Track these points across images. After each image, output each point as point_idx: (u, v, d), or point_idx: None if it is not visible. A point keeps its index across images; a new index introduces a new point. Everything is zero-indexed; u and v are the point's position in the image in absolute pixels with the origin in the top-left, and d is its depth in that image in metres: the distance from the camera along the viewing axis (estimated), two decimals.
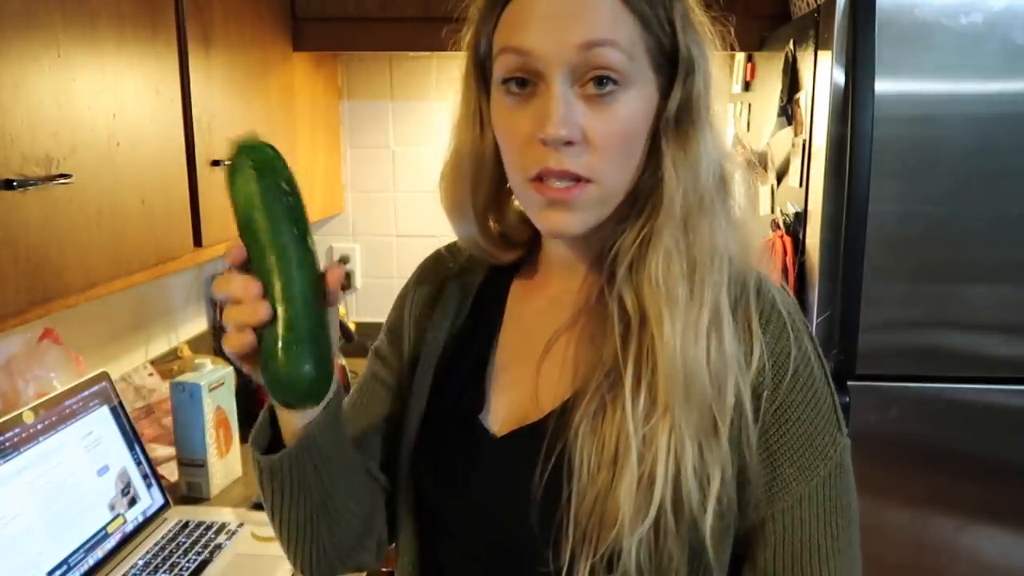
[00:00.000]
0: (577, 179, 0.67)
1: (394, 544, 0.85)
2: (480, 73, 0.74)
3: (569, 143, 0.65)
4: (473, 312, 0.84)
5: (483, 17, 0.73)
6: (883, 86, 1.35)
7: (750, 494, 0.69)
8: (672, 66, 0.69)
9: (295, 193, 0.62)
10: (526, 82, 0.67)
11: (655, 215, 0.69)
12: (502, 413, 0.76)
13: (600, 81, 0.65)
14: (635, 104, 0.67)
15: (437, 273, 0.90)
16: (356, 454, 0.78)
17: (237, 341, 0.61)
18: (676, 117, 0.69)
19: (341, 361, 1.92)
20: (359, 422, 0.87)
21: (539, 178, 0.68)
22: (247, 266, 0.62)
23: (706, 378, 0.66)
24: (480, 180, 0.77)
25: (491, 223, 0.81)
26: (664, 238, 0.68)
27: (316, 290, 0.62)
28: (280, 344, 0.60)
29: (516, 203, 0.80)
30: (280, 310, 0.60)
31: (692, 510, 0.65)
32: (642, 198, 0.71)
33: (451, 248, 0.89)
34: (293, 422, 0.68)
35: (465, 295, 0.85)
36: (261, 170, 0.61)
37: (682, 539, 0.66)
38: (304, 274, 0.62)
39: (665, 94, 0.69)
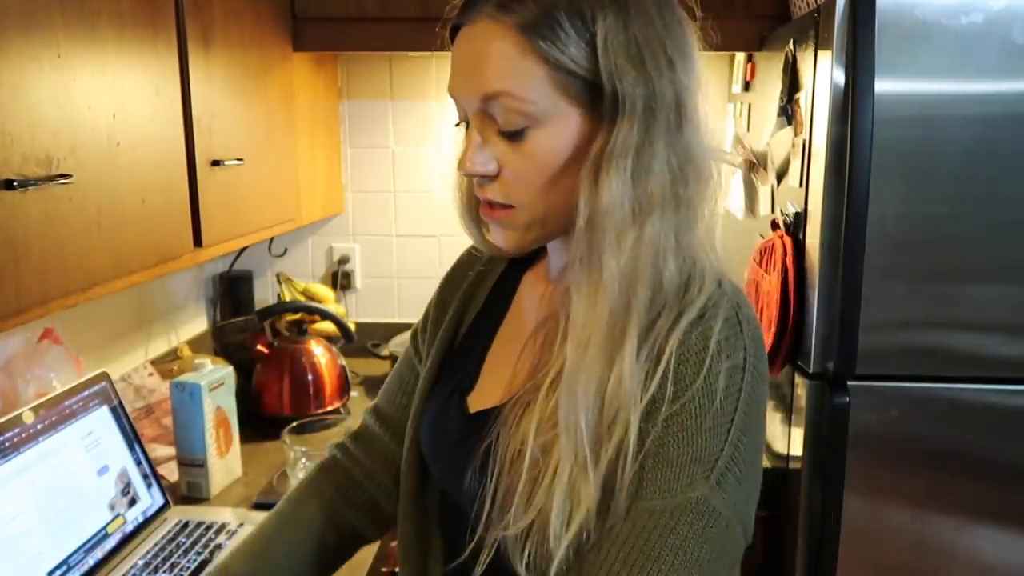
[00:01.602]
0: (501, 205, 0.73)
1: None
2: None
3: (484, 176, 0.72)
4: (488, 301, 0.91)
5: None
6: (883, 86, 1.35)
7: (604, 525, 0.68)
8: (599, 94, 0.69)
9: None
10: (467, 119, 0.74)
11: (578, 236, 0.71)
12: (483, 393, 0.83)
13: (506, 126, 0.70)
14: (552, 140, 0.70)
15: (465, 265, 0.97)
16: None
17: None
18: (596, 154, 0.69)
19: (341, 361, 1.92)
20: (394, 389, 1.00)
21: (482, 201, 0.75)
22: None
23: (595, 406, 0.67)
24: (471, 198, 0.84)
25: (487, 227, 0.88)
26: (576, 262, 0.70)
27: None
28: None
29: None
30: None
31: (554, 528, 0.67)
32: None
33: None
34: None
35: (483, 286, 0.93)
36: None
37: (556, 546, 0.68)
38: None
39: (596, 120, 0.70)
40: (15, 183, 0.91)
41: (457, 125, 0.77)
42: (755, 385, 0.69)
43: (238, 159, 1.48)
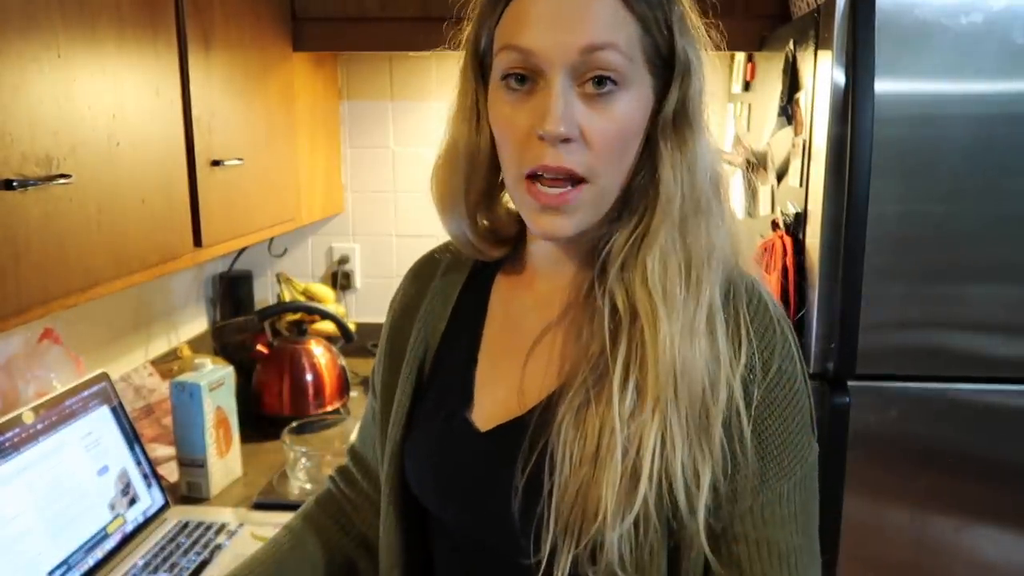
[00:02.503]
0: (572, 178, 0.68)
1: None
2: (479, 68, 0.75)
3: (566, 140, 0.66)
4: (457, 311, 0.84)
5: (485, 12, 0.73)
6: (883, 86, 1.35)
7: (735, 489, 0.69)
8: (668, 69, 0.70)
9: None
10: (525, 78, 0.68)
11: (650, 215, 0.70)
12: (487, 409, 0.77)
13: (599, 81, 0.66)
14: (632, 105, 0.68)
15: (422, 276, 0.90)
16: None
17: None
18: (673, 119, 0.70)
19: (341, 361, 1.92)
20: (366, 425, 0.94)
21: (533, 176, 0.68)
22: None
23: (699, 375, 0.67)
24: (474, 175, 0.77)
25: (481, 219, 0.81)
26: (660, 238, 0.69)
27: None
28: None
29: (507, 200, 0.80)
30: None
31: (680, 506, 0.66)
32: (635, 198, 0.72)
33: (439, 250, 0.91)
34: None
35: (448, 295, 0.85)
36: None
37: (663, 534, 0.67)
38: None
39: (660, 96, 0.70)
40: (15, 183, 0.91)
41: (505, 78, 0.69)
42: (805, 370, 0.75)
43: (238, 159, 1.47)
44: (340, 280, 2.29)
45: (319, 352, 1.87)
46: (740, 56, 2.02)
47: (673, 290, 0.68)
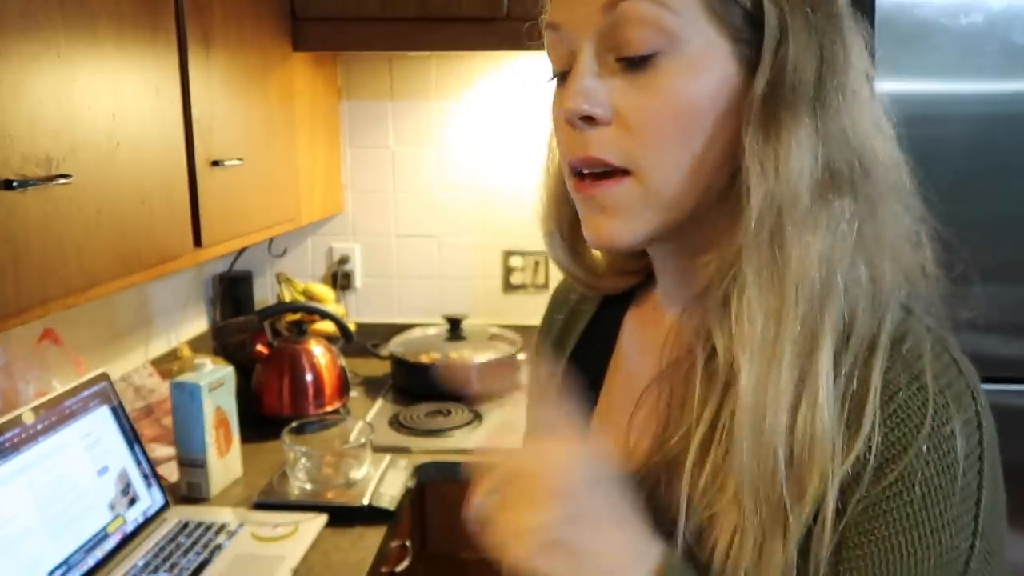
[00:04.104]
0: (608, 169, 0.55)
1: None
2: None
3: (593, 122, 0.54)
4: (583, 347, 0.73)
5: (541, 4, 0.62)
6: (883, 86, 1.35)
7: None
8: (757, 30, 0.54)
9: None
10: (567, 74, 0.57)
11: (744, 232, 0.54)
12: None
13: (636, 46, 0.53)
14: (689, 74, 0.53)
15: (558, 302, 0.79)
16: None
17: None
18: (762, 98, 0.53)
19: (341, 362, 1.92)
20: None
21: (579, 174, 0.57)
22: None
23: (780, 458, 0.51)
24: (565, 196, 0.64)
25: (585, 247, 0.69)
26: (744, 262, 0.53)
27: None
28: None
29: None
30: None
31: None
32: (730, 204, 0.56)
33: None
34: None
35: (574, 329, 0.74)
36: None
37: None
38: None
39: (752, 67, 0.54)
40: (15, 183, 0.91)
41: (553, 78, 0.59)
42: (994, 446, 0.54)
43: (238, 159, 1.47)
44: (340, 280, 2.29)
45: (319, 352, 1.87)
46: None
47: (755, 335, 0.52)
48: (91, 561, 1.21)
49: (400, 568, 1.49)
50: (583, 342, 0.74)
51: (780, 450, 0.51)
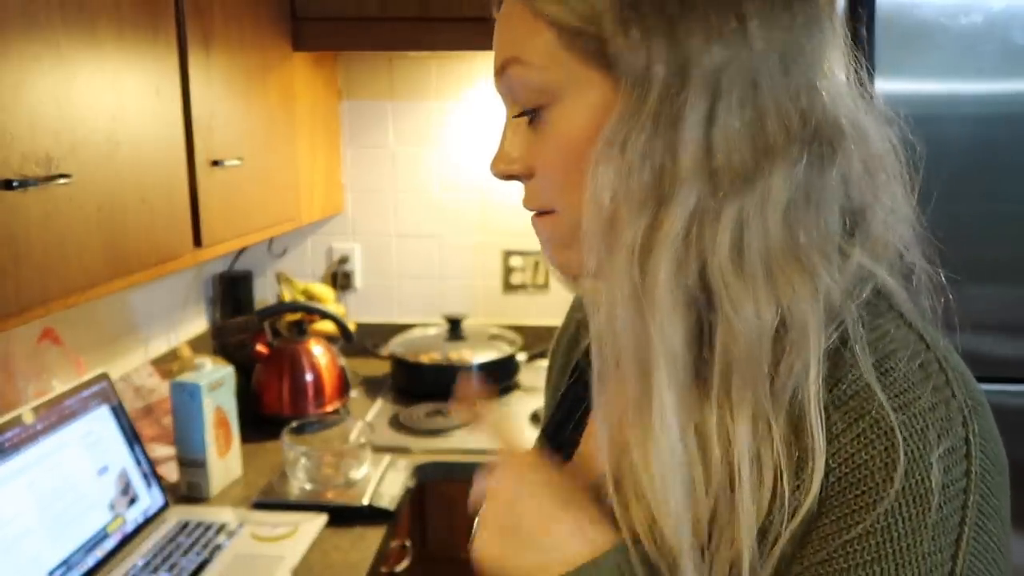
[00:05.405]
0: (541, 212, 0.61)
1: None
2: None
3: (515, 177, 0.61)
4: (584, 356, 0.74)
5: None
6: (883, 86, 1.35)
7: None
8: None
9: None
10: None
11: None
12: (592, 459, 0.68)
13: (523, 104, 0.59)
14: (572, 117, 0.56)
15: (575, 307, 0.81)
16: None
17: None
18: (629, 112, 0.53)
19: (341, 361, 1.92)
20: None
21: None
22: None
23: (682, 514, 0.50)
24: None
25: None
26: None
27: None
28: None
29: None
30: None
31: None
32: None
33: None
34: None
35: (580, 339, 0.76)
36: None
37: None
38: None
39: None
40: (15, 183, 0.91)
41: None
42: (993, 478, 0.49)
43: (238, 159, 1.47)
44: (340, 280, 2.29)
45: (319, 352, 1.87)
46: None
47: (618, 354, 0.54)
48: (91, 561, 1.21)
49: (400, 568, 1.49)
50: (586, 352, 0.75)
51: (685, 521, 0.50)
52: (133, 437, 1.39)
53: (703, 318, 0.51)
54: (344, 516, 1.40)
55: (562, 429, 0.73)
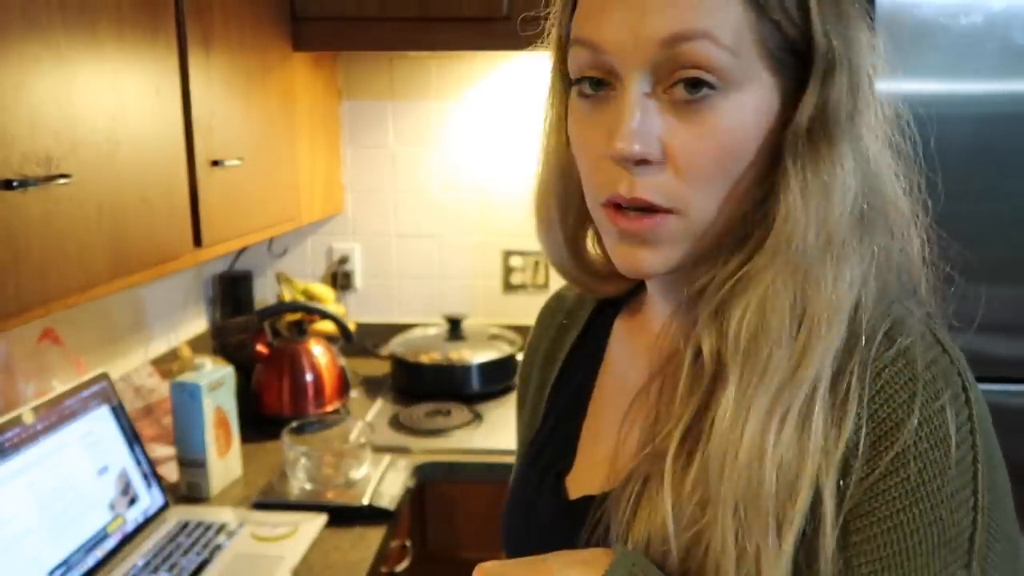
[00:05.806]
0: (654, 209, 0.54)
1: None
2: (565, 70, 0.60)
3: (644, 162, 0.53)
4: (573, 359, 0.74)
5: (563, 2, 0.60)
6: (883, 86, 1.35)
7: None
8: (802, 62, 0.54)
9: None
10: (602, 82, 0.55)
11: (761, 251, 0.55)
12: (585, 472, 0.67)
13: (692, 84, 0.52)
14: (739, 114, 0.53)
15: (545, 317, 0.81)
16: None
17: None
18: (808, 131, 0.54)
19: (341, 361, 1.92)
20: None
21: (615, 206, 0.56)
22: None
23: (772, 474, 0.51)
24: (569, 196, 0.65)
25: (588, 248, 0.69)
26: (765, 280, 0.54)
27: None
28: None
29: None
30: None
31: None
32: (754, 228, 0.56)
33: (568, 286, 0.79)
34: None
35: (564, 338, 0.76)
36: None
37: None
38: None
39: (792, 99, 0.55)
40: (15, 183, 0.91)
41: (577, 83, 0.56)
42: (985, 417, 0.54)
43: (238, 159, 1.47)
44: (340, 280, 2.29)
45: (319, 352, 1.87)
46: None
47: (761, 354, 0.52)
48: (91, 561, 1.21)
49: (400, 568, 1.49)
50: (573, 354, 0.75)
51: (769, 469, 0.51)
52: (133, 437, 1.39)
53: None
54: (344, 516, 1.40)
55: (549, 445, 0.71)
